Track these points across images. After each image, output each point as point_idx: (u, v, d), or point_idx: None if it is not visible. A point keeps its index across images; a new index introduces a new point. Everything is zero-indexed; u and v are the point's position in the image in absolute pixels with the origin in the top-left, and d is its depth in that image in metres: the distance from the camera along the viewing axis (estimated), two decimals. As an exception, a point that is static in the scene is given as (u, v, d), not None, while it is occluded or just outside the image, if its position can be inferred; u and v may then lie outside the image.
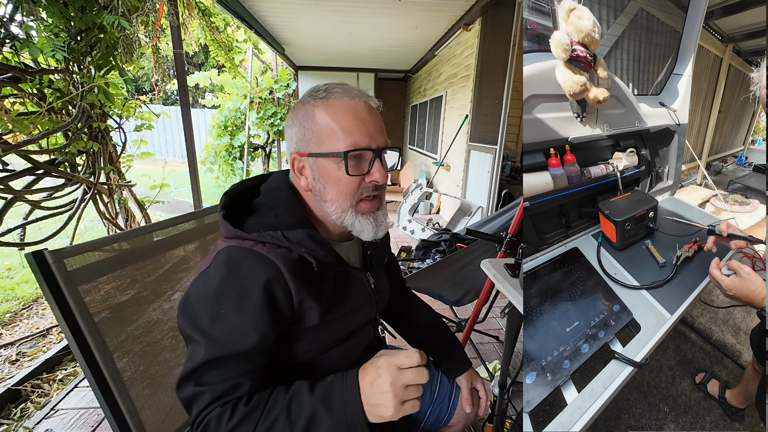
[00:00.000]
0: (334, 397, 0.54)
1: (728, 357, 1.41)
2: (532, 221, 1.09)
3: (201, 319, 0.58)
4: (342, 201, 0.67)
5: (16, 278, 3.06)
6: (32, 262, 0.68)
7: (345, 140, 0.64)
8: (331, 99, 0.65)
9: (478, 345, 2.04)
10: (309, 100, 0.67)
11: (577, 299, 0.94)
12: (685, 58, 1.46)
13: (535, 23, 1.15)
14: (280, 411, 0.54)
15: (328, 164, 0.65)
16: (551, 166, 1.08)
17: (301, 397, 0.55)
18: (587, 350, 0.83)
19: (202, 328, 0.58)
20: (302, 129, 0.66)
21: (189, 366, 0.57)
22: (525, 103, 1.00)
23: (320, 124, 0.65)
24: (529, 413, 0.73)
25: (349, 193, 0.66)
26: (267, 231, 0.63)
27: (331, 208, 0.68)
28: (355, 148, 0.64)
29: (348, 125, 0.64)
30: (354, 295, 0.73)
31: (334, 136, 0.64)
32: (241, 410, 0.54)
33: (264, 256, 0.61)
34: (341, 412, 0.53)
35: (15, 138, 1.80)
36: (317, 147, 0.65)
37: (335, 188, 0.66)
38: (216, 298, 0.58)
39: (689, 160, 2.15)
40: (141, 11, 2.03)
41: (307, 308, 0.63)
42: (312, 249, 0.64)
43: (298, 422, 0.53)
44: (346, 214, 0.68)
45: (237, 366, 0.57)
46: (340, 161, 0.64)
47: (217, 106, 6.30)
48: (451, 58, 4.80)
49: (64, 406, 1.64)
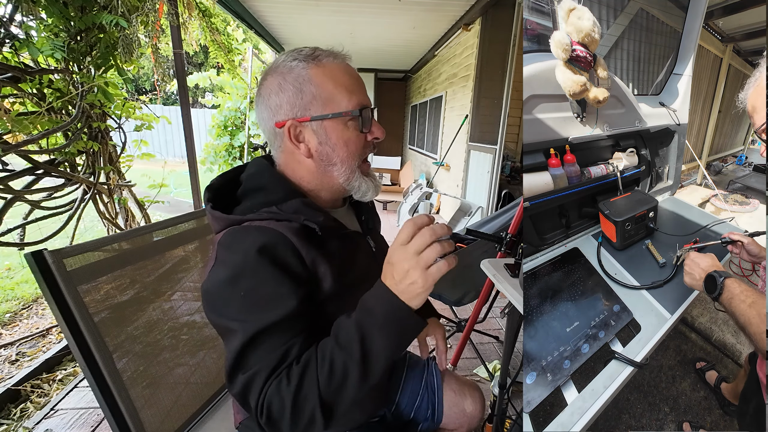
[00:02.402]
0: (369, 304, 0.54)
1: (728, 357, 1.41)
2: (532, 221, 1.09)
3: (226, 307, 0.57)
4: (351, 161, 0.67)
5: (16, 278, 3.06)
6: (31, 262, 0.68)
7: (350, 100, 0.64)
8: (323, 61, 0.64)
9: (478, 345, 2.04)
10: (297, 64, 0.64)
11: (578, 299, 0.94)
12: (685, 58, 1.46)
13: (535, 23, 1.15)
14: (332, 349, 0.53)
15: (337, 125, 0.65)
16: (551, 166, 1.08)
17: (343, 325, 0.55)
18: (587, 350, 0.83)
19: (229, 315, 0.56)
20: (299, 93, 0.63)
21: (231, 357, 0.55)
22: (525, 103, 1.00)
23: (321, 86, 0.63)
24: (530, 413, 0.73)
25: (357, 153, 0.67)
26: (261, 210, 0.62)
27: (341, 170, 0.67)
28: (363, 106, 0.65)
29: (349, 85, 0.65)
30: (361, 260, 0.72)
31: (338, 96, 0.64)
32: (296, 371, 0.52)
33: (265, 227, 0.59)
34: (383, 311, 0.53)
35: (15, 138, 1.80)
36: (321, 109, 0.64)
37: (345, 149, 0.66)
38: (233, 281, 0.57)
39: (689, 160, 2.15)
40: (141, 11, 2.03)
41: (322, 272, 0.62)
42: (311, 215, 0.63)
43: (352, 346, 0.52)
44: (354, 174, 0.68)
45: (278, 336, 0.55)
46: (348, 121, 0.64)
47: (217, 106, 6.30)
48: (451, 58, 4.80)
49: (64, 406, 1.64)
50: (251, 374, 0.53)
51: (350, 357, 0.52)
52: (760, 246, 0.98)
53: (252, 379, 0.53)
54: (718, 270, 0.76)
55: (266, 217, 0.61)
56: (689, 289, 0.98)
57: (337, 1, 3.63)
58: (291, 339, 0.55)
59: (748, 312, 0.65)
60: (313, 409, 0.51)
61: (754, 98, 0.68)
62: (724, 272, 0.74)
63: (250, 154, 6.07)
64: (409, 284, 0.51)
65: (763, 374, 0.80)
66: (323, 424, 0.52)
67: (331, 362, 0.52)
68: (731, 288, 0.70)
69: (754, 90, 0.68)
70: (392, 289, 0.53)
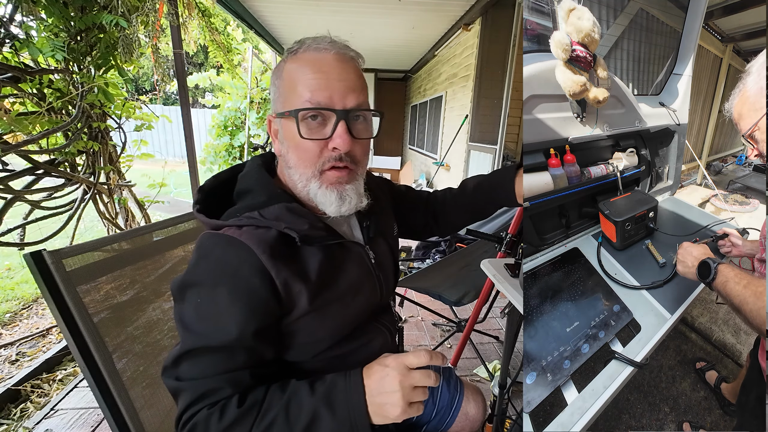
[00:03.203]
0: (336, 395, 0.51)
1: (728, 357, 1.41)
2: (532, 221, 1.08)
3: (181, 308, 0.56)
4: (303, 168, 0.60)
5: (16, 278, 3.06)
6: (31, 262, 0.68)
7: (301, 97, 0.57)
8: (299, 52, 0.59)
9: (478, 345, 2.04)
10: (284, 58, 0.62)
11: (578, 299, 0.94)
12: (685, 58, 1.46)
13: (535, 23, 1.15)
14: (277, 412, 0.50)
15: (290, 125, 0.58)
16: (551, 166, 1.08)
17: (301, 397, 0.52)
18: (587, 350, 0.83)
19: (180, 317, 0.55)
20: (274, 88, 0.61)
21: (171, 354, 0.54)
22: (525, 103, 1.00)
23: (285, 80, 0.59)
24: (530, 413, 0.73)
25: (308, 160, 0.59)
26: (243, 215, 0.58)
27: (296, 175, 0.61)
28: (311, 106, 0.56)
29: (308, 80, 0.57)
30: (350, 270, 0.65)
31: (294, 92, 0.58)
32: (232, 412, 0.50)
33: (235, 239, 0.55)
34: (344, 412, 0.50)
35: (15, 138, 1.80)
36: (282, 106, 0.60)
37: (295, 152, 0.60)
38: (190, 286, 0.55)
39: (689, 160, 2.15)
40: (141, 11, 2.03)
41: (296, 291, 0.57)
42: (293, 222, 0.58)
43: (297, 423, 0.50)
44: (310, 183, 0.60)
45: (214, 362, 0.52)
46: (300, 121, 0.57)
47: (217, 106, 6.31)
48: (451, 58, 4.80)
49: (64, 406, 1.64)
50: (180, 387, 0.53)
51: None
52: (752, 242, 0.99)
53: (179, 390, 0.53)
54: (711, 257, 0.78)
55: (246, 223, 0.57)
56: (689, 289, 0.99)
57: (337, 1, 3.63)
58: (231, 372, 0.53)
59: (744, 292, 0.66)
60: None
61: (739, 107, 0.70)
62: (717, 259, 0.75)
63: (250, 154, 6.08)
64: (387, 404, 0.50)
65: (764, 363, 0.80)
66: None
67: (270, 425, 0.50)
68: (725, 272, 0.71)
69: (739, 99, 0.70)
70: (368, 395, 0.51)
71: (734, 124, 0.74)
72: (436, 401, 0.92)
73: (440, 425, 0.91)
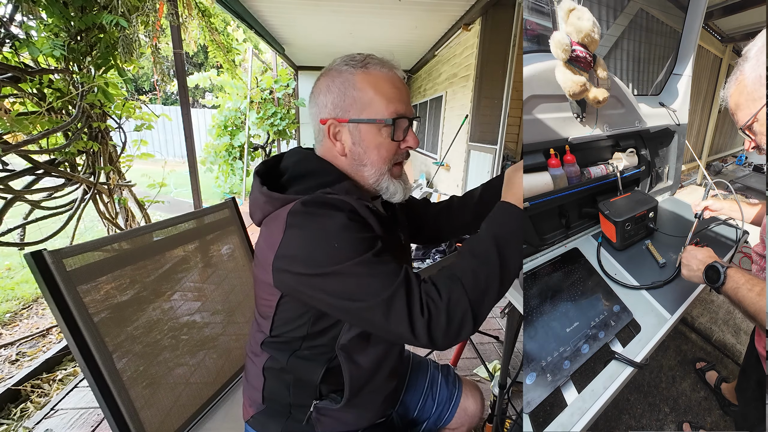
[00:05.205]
0: (503, 221, 0.64)
1: (728, 357, 1.41)
2: (533, 221, 1.08)
3: (327, 255, 0.58)
4: (381, 165, 0.71)
5: (16, 278, 3.06)
6: (31, 262, 0.68)
7: (388, 108, 0.67)
8: (370, 68, 0.69)
9: (478, 345, 2.03)
10: (347, 69, 0.69)
11: (578, 299, 0.94)
12: (685, 58, 1.45)
13: (534, 23, 1.14)
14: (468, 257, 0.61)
15: (371, 130, 0.68)
16: (551, 166, 1.08)
17: (477, 239, 0.63)
18: (587, 351, 0.83)
19: (335, 261, 0.58)
20: (342, 96, 0.68)
21: (360, 290, 0.57)
22: (525, 103, 1.00)
23: (362, 91, 0.68)
24: (530, 414, 0.73)
25: (388, 158, 0.71)
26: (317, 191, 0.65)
27: (371, 171, 0.71)
28: (399, 115, 0.68)
29: (390, 94, 0.68)
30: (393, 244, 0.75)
31: (377, 103, 0.68)
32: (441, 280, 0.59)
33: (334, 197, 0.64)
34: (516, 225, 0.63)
35: (15, 138, 1.80)
36: (359, 113, 0.68)
37: (376, 152, 0.70)
38: (325, 236, 0.59)
39: (689, 160, 2.15)
40: (141, 11, 2.03)
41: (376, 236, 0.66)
42: (361, 196, 0.68)
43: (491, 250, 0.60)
44: (383, 177, 0.71)
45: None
46: (382, 127, 0.68)
47: (217, 106, 6.30)
48: (451, 58, 4.80)
49: (64, 406, 1.64)
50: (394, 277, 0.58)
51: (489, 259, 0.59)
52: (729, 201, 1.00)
53: (403, 284, 0.57)
54: (718, 261, 0.76)
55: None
56: (689, 290, 0.98)
57: (337, 1, 3.62)
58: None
59: (759, 301, 0.64)
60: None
61: (736, 96, 0.66)
62: (725, 263, 0.74)
63: (250, 154, 6.08)
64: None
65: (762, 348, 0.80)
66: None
67: (476, 264, 0.59)
68: (735, 278, 0.69)
69: (735, 88, 0.66)
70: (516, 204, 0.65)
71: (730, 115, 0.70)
72: (435, 397, 0.94)
73: (439, 421, 0.93)
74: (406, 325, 0.56)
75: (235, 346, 1.15)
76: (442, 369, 1.00)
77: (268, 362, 0.74)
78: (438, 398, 0.94)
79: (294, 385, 0.73)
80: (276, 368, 0.74)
